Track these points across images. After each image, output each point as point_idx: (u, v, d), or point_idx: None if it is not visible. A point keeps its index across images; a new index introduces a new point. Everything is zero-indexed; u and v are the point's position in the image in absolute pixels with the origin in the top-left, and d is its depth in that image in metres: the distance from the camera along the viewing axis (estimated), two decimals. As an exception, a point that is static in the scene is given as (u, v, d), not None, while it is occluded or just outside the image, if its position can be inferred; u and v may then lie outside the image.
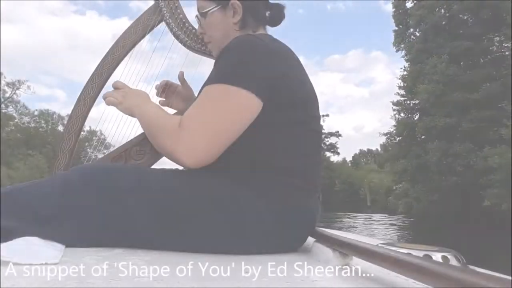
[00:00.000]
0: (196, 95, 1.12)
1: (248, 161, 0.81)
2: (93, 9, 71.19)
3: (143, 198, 0.74)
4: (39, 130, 35.71)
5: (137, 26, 1.14)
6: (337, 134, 44.61)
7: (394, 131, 21.35)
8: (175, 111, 1.15)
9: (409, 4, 20.58)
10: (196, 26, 1.08)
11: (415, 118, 20.09)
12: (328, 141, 43.23)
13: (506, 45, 16.81)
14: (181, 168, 0.83)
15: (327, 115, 44.54)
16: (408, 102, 20.92)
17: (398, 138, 21.33)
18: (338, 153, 44.92)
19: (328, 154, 43.01)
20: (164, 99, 1.18)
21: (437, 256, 0.67)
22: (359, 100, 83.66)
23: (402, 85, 21.02)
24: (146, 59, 1.13)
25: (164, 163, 1.03)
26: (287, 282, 0.55)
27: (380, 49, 79.02)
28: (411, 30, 20.88)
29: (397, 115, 21.41)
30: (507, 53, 16.52)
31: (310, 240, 0.84)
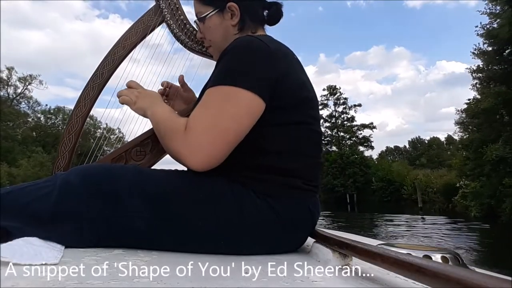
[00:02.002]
0: (197, 96, 1.13)
1: (248, 162, 0.81)
2: (116, 13, 71.62)
3: (142, 199, 0.74)
4: (50, 127, 35.10)
5: (137, 27, 1.14)
6: (371, 126, 37.80)
7: (476, 107, 14.76)
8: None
9: None
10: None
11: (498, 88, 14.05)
12: (361, 133, 37.60)
13: None
14: (180, 168, 0.83)
15: (359, 105, 38.89)
16: (494, 67, 14.53)
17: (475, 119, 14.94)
18: (372, 147, 37.75)
19: (361, 148, 36.90)
20: (165, 101, 1.18)
21: (436, 257, 0.67)
22: (381, 97, 79.95)
23: (482, 46, 15.03)
24: (167, 61, 1.15)
25: (164, 164, 1.03)
26: (287, 282, 0.55)
27: (402, 44, 76.62)
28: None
29: (478, 85, 15.46)
30: None
31: (310, 240, 0.84)
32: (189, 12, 1.10)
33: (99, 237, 0.73)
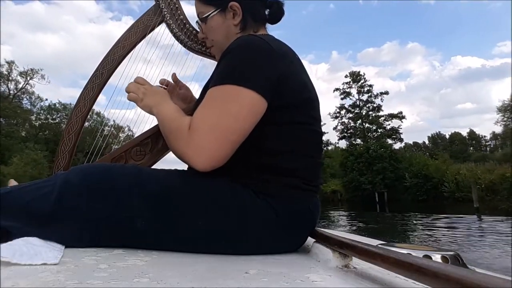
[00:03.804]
0: (197, 95, 1.13)
1: (248, 161, 0.81)
2: (129, 15, 72.15)
3: (142, 198, 0.74)
4: (52, 125, 34.51)
5: (137, 27, 1.14)
6: (400, 116, 32.97)
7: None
8: None
9: None
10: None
11: None
12: (389, 124, 33.00)
13: None
14: (180, 167, 0.83)
15: (386, 93, 34.05)
16: None
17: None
18: (401, 139, 33.36)
19: (389, 141, 32.03)
20: None
21: (436, 257, 0.67)
22: (395, 94, 77.34)
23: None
24: (179, 61, 1.16)
25: (165, 163, 1.03)
26: (287, 282, 0.55)
27: (417, 40, 75.83)
28: None
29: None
30: None
31: (310, 240, 0.84)
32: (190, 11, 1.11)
33: (99, 237, 0.73)
